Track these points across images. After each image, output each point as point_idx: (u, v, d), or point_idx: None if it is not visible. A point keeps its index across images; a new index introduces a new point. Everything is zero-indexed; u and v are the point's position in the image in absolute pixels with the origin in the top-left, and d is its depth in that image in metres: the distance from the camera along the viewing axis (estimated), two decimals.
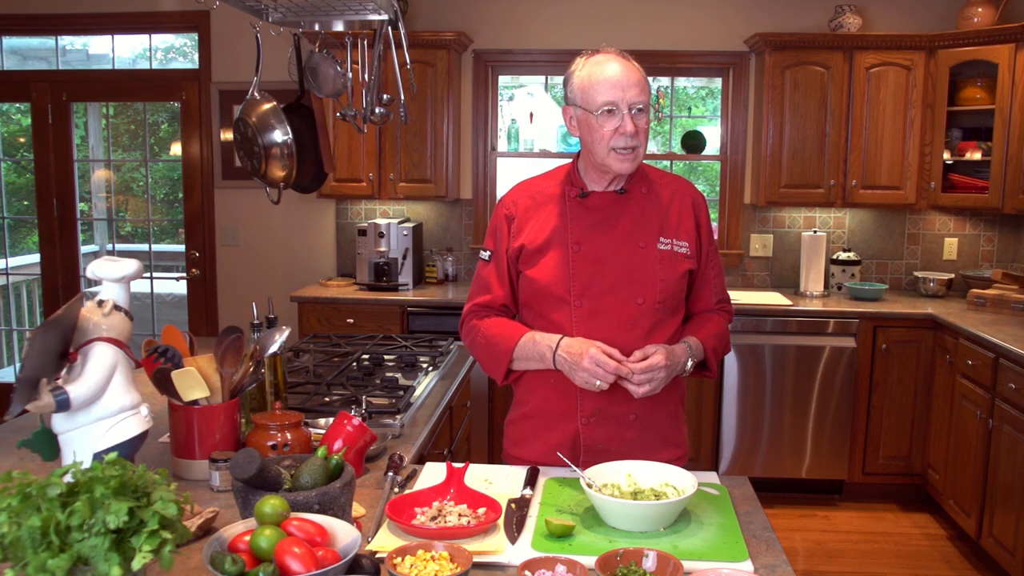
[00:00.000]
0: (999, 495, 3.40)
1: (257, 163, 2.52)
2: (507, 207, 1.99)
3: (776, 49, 4.37)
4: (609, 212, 1.91)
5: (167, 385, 1.72)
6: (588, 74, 1.84)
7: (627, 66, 1.83)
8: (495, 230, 1.99)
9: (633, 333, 1.88)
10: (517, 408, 2.04)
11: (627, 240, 1.90)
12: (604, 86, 1.80)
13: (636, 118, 1.81)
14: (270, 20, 2.50)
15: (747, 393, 4.24)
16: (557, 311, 1.90)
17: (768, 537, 1.56)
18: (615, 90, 1.80)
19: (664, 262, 1.90)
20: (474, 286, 2.03)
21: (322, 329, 4.32)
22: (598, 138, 1.83)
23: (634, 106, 1.80)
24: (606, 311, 1.88)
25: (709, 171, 5.53)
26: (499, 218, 1.99)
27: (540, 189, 1.98)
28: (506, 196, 2.02)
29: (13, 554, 1.07)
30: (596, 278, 1.88)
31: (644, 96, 1.82)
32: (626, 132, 1.80)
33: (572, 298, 1.89)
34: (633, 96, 1.80)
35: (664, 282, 1.89)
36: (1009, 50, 4.03)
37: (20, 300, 5.68)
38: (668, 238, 1.91)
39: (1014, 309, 4.02)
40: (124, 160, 5.56)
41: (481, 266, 2.03)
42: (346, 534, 1.29)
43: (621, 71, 1.81)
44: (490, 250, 2.00)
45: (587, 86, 1.83)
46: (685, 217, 1.95)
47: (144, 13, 4.90)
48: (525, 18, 4.75)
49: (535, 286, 1.92)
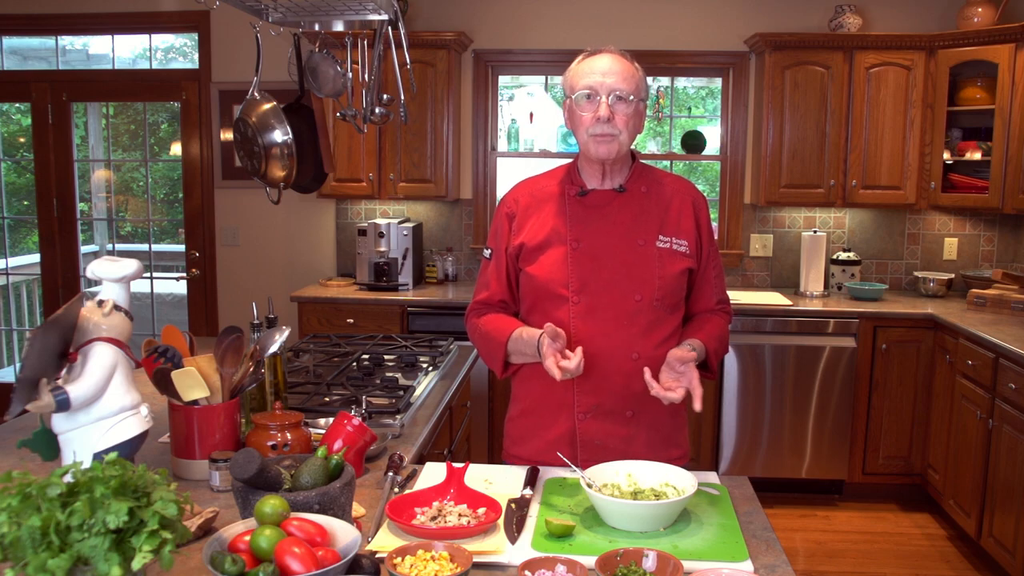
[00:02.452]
0: (999, 495, 3.40)
1: (257, 163, 2.52)
2: (508, 205, 2.01)
3: (776, 49, 4.37)
4: (608, 210, 1.92)
5: (167, 385, 1.72)
6: (577, 65, 1.90)
7: (615, 58, 1.86)
8: (496, 228, 2.02)
9: (631, 330, 1.88)
10: (515, 405, 2.05)
11: (625, 237, 1.91)
12: (586, 72, 1.85)
13: (615, 106, 1.83)
14: (270, 20, 2.50)
15: (747, 393, 4.24)
16: (557, 308, 1.91)
17: (768, 537, 1.56)
18: (595, 75, 1.83)
19: (663, 260, 1.91)
20: (477, 284, 2.08)
21: (322, 329, 4.32)
22: (578, 123, 1.88)
23: (613, 92, 1.82)
24: (604, 307, 1.89)
25: (709, 171, 5.53)
26: (500, 216, 2.02)
27: (541, 187, 2.00)
28: (507, 194, 2.05)
29: (13, 554, 1.07)
30: (594, 275, 1.89)
31: (626, 85, 1.83)
32: (600, 117, 1.82)
33: (571, 294, 1.90)
34: (613, 83, 1.82)
35: (662, 279, 1.90)
36: (1009, 50, 4.03)
37: (20, 300, 5.68)
38: (667, 236, 1.92)
39: (1014, 309, 4.02)
40: (124, 160, 5.56)
41: (483, 264, 2.07)
42: (346, 534, 1.29)
43: (607, 61, 1.85)
44: (491, 248, 2.03)
45: (573, 75, 1.89)
46: (685, 216, 1.95)
47: (144, 13, 4.90)
48: (525, 18, 4.75)
49: (535, 283, 1.93)
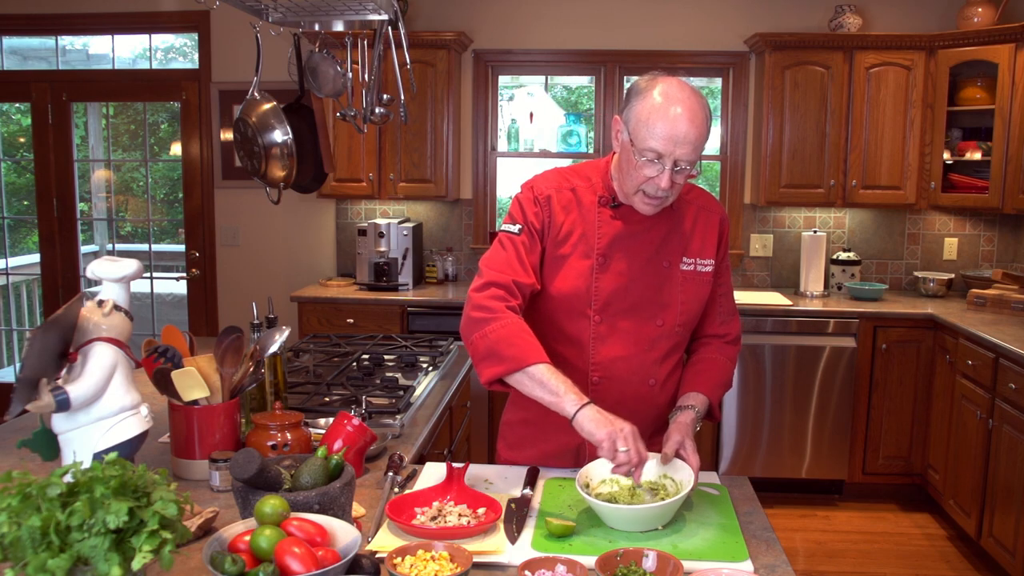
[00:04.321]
0: (999, 495, 3.40)
1: (257, 163, 2.52)
2: (538, 191, 1.84)
3: (776, 49, 4.37)
4: (640, 228, 1.83)
5: (167, 385, 1.72)
6: (651, 108, 1.67)
7: (691, 117, 1.66)
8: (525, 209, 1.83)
9: (651, 355, 1.85)
10: (514, 410, 1.99)
11: (653, 258, 1.83)
12: (659, 132, 1.66)
13: (676, 175, 1.70)
14: (270, 20, 2.50)
15: (747, 393, 4.24)
16: (574, 323, 1.83)
17: (768, 537, 1.56)
18: (667, 143, 1.66)
19: (686, 284, 1.85)
20: (494, 259, 1.81)
21: (322, 329, 4.32)
22: (632, 174, 1.73)
23: (679, 163, 1.68)
24: (625, 331, 1.83)
25: (709, 171, 5.52)
26: (527, 200, 1.84)
27: (572, 186, 1.85)
28: (537, 183, 1.87)
29: (13, 554, 1.07)
30: (618, 295, 1.82)
31: (694, 155, 1.68)
32: (659, 186, 1.70)
33: (592, 313, 1.82)
34: (682, 154, 1.67)
35: (685, 304, 1.85)
36: (1009, 50, 4.03)
37: (20, 300, 5.68)
38: (691, 258, 1.86)
39: (1014, 309, 4.02)
40: (124, 160, 5.56)
41: (506, 239, 1.82)
42: (346, 534, 1.29)
43: (682, 125, 1.65)
44: (520, 223, 1.82)
45: (643, 121, 1.68)
46: (710, 236, 1.89)
47: (144, 13, 4.90)
48: (525, 18, 4.75)
49: (554, 294, 1.83)
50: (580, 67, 4.89)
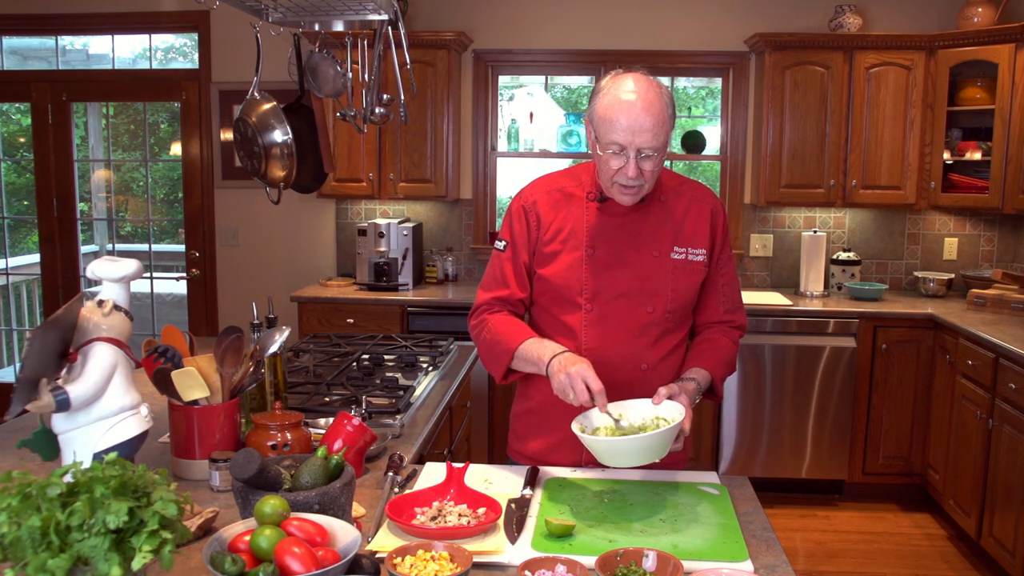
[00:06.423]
0: (999, 495, 3.40)
1: (257, 163, 2.52)
2: (525, 199, 1.96)
3: (776, 49, 4.37)
4: (626, 219, 1.90)
5: (167, 385, 1.72)
6: (608, 104, 1.77)
7: (646, 107, 1.74)
8: (513, 222, 1.96)
9: (641, 341, 1.90)
10: (522, 401, 2.06)
11: (642, 248, 1.90)
12: (617, 125, 1.74)
13: (642, 162, 1.76)
14: (270, 20, 2.50)
15: (747, 393, 4.24)
16: (568, 313, 1.91)
17: (768, 537, 1.56)
18: (625, 134, 1.74)
19: (677, 272, 1.90)
20: (488, 277, 2.00)
21: (322, 329, 4.32)
22: (604, 169, 1.82)
23: (642, 150, 1.75)
24: (616, 318, 1.89)
25: (709, 171, 5.53)
26: (517, 211, 1.96)
27: (559, 188, 1.96)
28: (525, 191, 1.99)
29: (13, 554, 1.07)
30: (608, 284, 1.89)
31: (655, 141, 1.75)
32: (628, 175, 1.77)
33: (584, 302, 1.90)
34: (642, 142, 1.74)
35: (675, 292, 1.90)
36: (1009, 50, 4.03)
37: (20, 300, 5.68)
38: (683, 247, 1.91)
39: (1014, 309, 4.02)
40: (124, 160, 5.56)
41: (496, 257, 1.99)
42: (346, 534, 1.29)
43: (638, 114, 1.73)
44: (506, 240, 1.96)
45: (603, 117, 1.77)
46: (702, 224, 1.94)
47: (144, 13, 4.90)
48: (525, 18, 4.75)
49: (547, 286, 1.92)
50: (580, 67, 4.89)
